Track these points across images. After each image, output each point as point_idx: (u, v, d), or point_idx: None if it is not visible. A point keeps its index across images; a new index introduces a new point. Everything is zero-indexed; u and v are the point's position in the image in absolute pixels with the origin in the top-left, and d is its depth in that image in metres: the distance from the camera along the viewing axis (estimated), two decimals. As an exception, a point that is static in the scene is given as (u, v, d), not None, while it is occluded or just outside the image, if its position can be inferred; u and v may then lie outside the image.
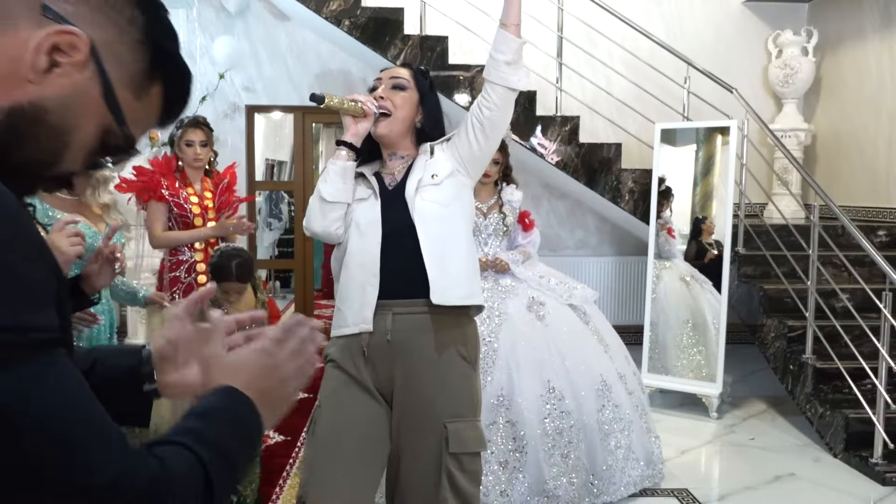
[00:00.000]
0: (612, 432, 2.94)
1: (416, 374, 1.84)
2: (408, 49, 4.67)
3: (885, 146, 5.02)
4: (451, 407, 1.83)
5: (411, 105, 1.99)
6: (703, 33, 5.61)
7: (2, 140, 0.63)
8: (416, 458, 1.83)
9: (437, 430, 1.80)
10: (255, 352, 0.78)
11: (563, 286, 3.23)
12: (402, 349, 1.85)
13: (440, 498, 1.77)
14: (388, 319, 1.85)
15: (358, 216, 1.94)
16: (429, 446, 1.81)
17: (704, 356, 4.28)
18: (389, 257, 1.86)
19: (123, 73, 0.69)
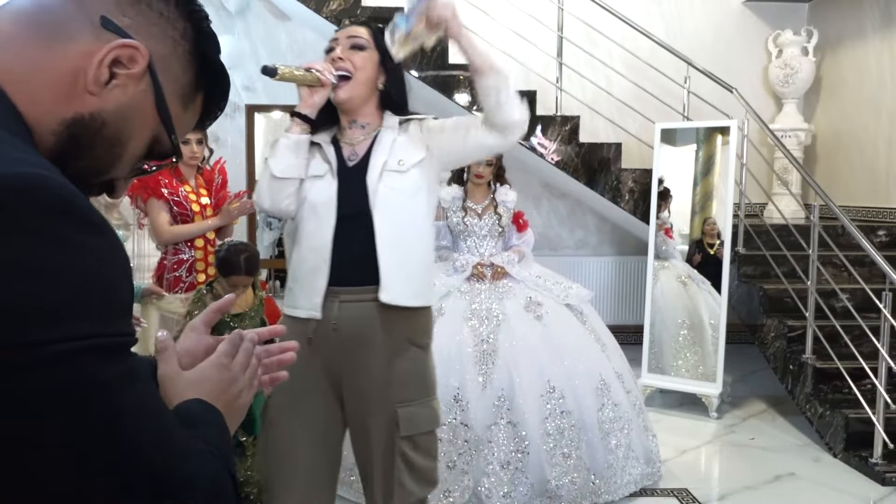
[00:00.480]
0: (612, 431, 2.94)
1: (364, 362, 1.80)
2: (408, 49, 4.66)
3: (885, 146, 5.02)
4: (401, 392, 1.81)
5: (372, 65, 1.85)
6: (703, 33, 5.61)
7: (64, 150, 0.64)
8: (369, 443, 1.82)
9: (388, 415, 1.79)
10: (213, 366, 0.81)
11: (560, 286, 3.23)
12: (348, 338, 1.80)
13: (395, 479, 1.78)
14: (335, 307, 1.79)
15: (312, 195, 1.83)
16: (381, 431, 1.79)
17: (700, 357, 4.28)
18: (342, 242, 1.79)
19: (176, 85, 0.71)
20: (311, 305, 1.80)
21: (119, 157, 0.68)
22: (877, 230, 4.62)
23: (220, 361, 0.81)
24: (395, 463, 1.78)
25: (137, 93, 0.67)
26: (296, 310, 1.84)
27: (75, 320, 0.53)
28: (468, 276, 3.21)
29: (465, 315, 3.05)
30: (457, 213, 3.36)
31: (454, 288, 3.18)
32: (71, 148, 0.64)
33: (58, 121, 0.63)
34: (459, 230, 3.36)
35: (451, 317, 3.06)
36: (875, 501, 3.14)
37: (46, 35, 0.63)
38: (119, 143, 0.67)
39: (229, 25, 5.36)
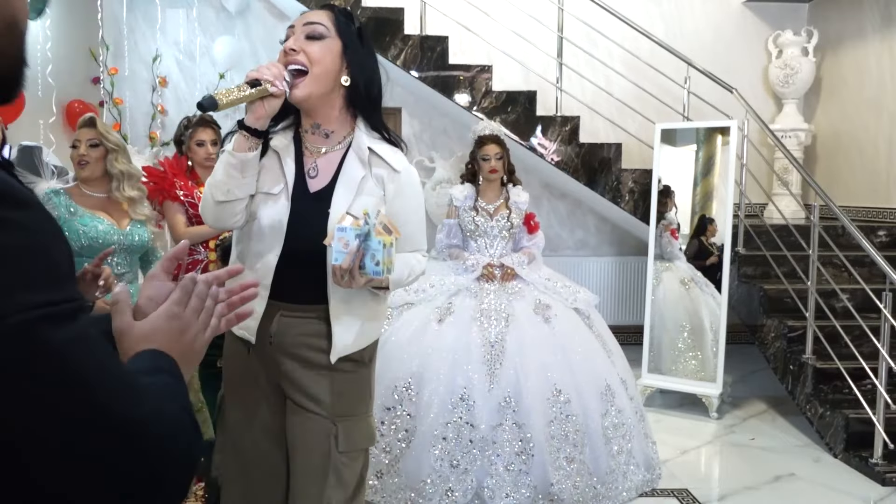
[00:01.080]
0: (614, 437, 2.94)
1: (302, 376, 1.69)
2: (408, 49, 4.67)
3: (885, 146, 5.01)
4: (340, 407, 1.69)
5: (332, 56, 1.59)
6: (703, 33, 5.61)
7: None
8: (305, 453, 1.70)
9: (325, 429, 1.68)
10: (164, 316, 0.85)
11: (568, 290, 3.23)
12: (286, 352, 1.68)
13: (325, 497, 1.67)
14: (274, 321, 1.67)
15: (261, 213, 1.64)
16: (318, 444, 1.68)
17: (700, 361, 4.28)
18: (287, 267, 1.63)
19: None
20: (245, 327, 1.67)
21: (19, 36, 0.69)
22: (877, 230, 4.62)
23: (171, 311, 0.85)
24: (327, 478, 1.67)
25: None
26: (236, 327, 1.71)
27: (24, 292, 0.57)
28: (478, 276, 3.21)
29: (473, 315, 3.06)
30: (468, 213, 3.36)
31: (463, 287, 3.18)
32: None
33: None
34: (470, 229, 3.36)
35: (460, 316, 3.06)
36: (875, 502, 3.14)
37: None
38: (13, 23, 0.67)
39: (229, 26, 5.36)
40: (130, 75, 5.21)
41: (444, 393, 2.86)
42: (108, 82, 5.09)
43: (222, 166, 1.59)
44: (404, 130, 5.46)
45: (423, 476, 2.78)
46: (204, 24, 5.32)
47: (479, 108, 4.70)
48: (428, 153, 5.44)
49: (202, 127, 3.25)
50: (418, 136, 5.47)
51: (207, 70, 5.28)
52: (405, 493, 2.80)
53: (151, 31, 5.24)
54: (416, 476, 2.79)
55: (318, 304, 1.67)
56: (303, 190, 1.65)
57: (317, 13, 1.63)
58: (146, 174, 3.24)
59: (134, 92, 5.23)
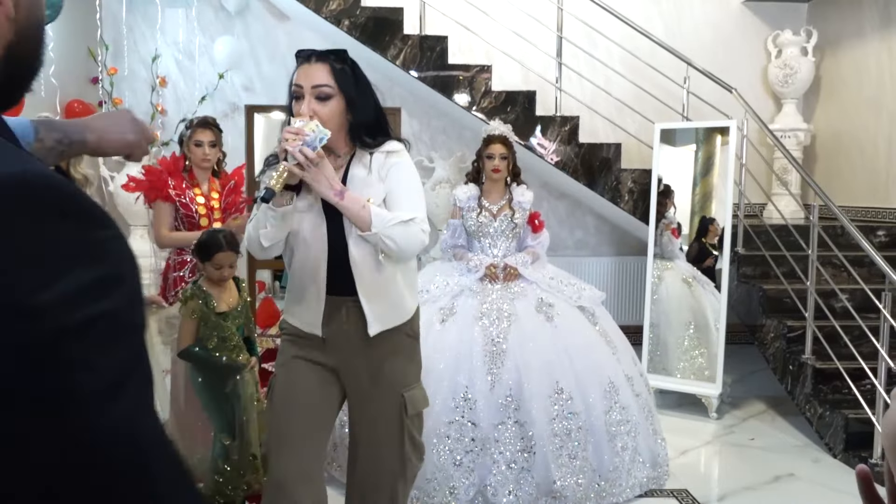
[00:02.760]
0: (619, 434, 2.94)
1: (370, 354, 1.98)
2: (407, 49, 4.66)
3: (884, 146, 5.02)
4: (403, 378, 2.03)
5: (340, 113, 1.90)
6: (702, 33, 5.61)
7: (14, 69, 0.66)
8: (374, 425, 2.01)
9: (394, 399, 2.00)
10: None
11: (573, 287, 3.23)
12: (355, 334, 1.96)
13: (404, 454, 2.02)
14: (344, 310, 1.96)
15: (303, 228, 1.95)
16: (387, 413, 2.00)
17: (706, 358, 4.27)
18: (336, 265, 1.92)
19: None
20: (312, 326, 1.97)
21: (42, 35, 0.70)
22: (876, 230, 4.63)
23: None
24: (403, 441, 2.01)
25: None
26: (298, 324, 2.01)
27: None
28: (481, 276, 3.22)
29: (475, 315, 3.06)
30: (472, 212, 3.36)
31: (466, 287, 3.18)
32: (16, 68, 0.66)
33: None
34: (474, 229, 3.36)
35: (463, 316, 3.07)
36: (875, 502, 3.14)
37: None
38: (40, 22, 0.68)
39: (229, 26, 5.35)
40: (130, 75, 5.21)
41: (446, 392, 2.87)
42: (108, 82, 5.08)
43: (265, 219, 1.87)
44: (403, 130, 5.46)
45: (427, 474, 2.78)
46: (203, 24, 5.31)
47: (479, 107, 4.70)
48: (427, 153, 5.44)
49: (202, 128, 3.27)
50: (417, 135, 5.47)
51: (207, 70, 5.28)
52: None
53: (151, 31, 5.24)
54: (420, 474, 2.78)
55: (350, 294, 1.94)
56: (326, 203, 1.92)
57: (319, 73, 1.87)
58: (144, 171, 3.26)
59: (133, 92, 5.22)
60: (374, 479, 2.05)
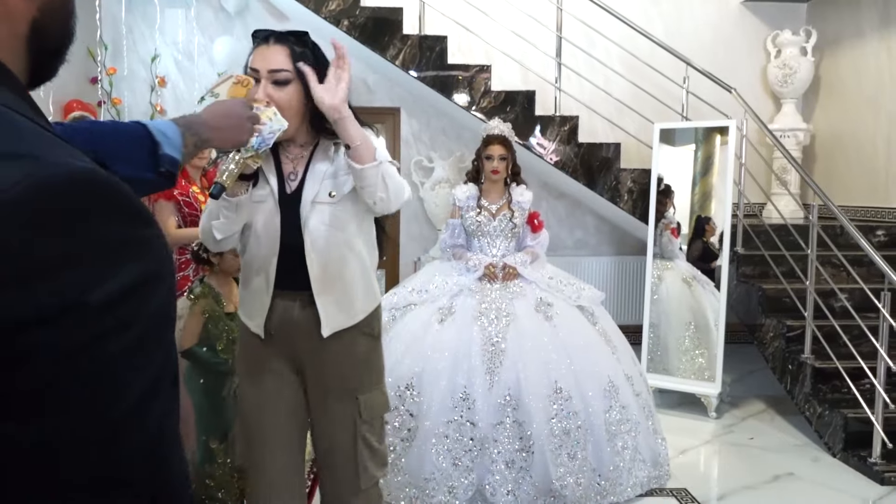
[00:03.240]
0: (618, 433, 2.94)
1: (322, 354, 1.86)
2: (406, 49, 4.67)
3: (883, 146, 5.02)
4: (359, 381, 1.89)
5: (298, 98, 1.75)
6: (701, 33, 5.61)
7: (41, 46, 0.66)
8: (330, 428, 1.89)
9: (349, 403, 1.87)
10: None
11: (572, 287, 3.23)
12: (304, 332, 1.85)
13: (359, 463, 1.88)
14: (296, 306, 1.84)
15: (257, 220, 1.83)
16: (341, 418, 1.88)
17: (706, 358, 4.27)
18: (287, 260, 1.81)
19: None
20: (257, 325, 1.87)
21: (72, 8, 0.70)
22: (875, 230, 4.63)
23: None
24: (356, 448, 1.87)
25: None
26: (247, 320, 1.91)
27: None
28: (480, 275, 3.22)
29: (474, 314, 3.06)
30: (471, 212, 3.36)
31: (465, 287, 3.18)
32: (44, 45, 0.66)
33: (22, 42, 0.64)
34: (473, 229, 3.36)
35: (461, 316, 3.06)
36: (874, 501, 3.14)
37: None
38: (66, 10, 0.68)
39: (228, 26, 5.36)
40: (129, 75, 5.21)
41: (445, 392, 2.86)
42: (107, 82, 5.08)
43: (218, 210, 1.76)
44: (403, 130, 5.46)
45: (426, 474, 2.79)
46: (202, 24, 5.31)
47: (478, 107, 4.70)
48: (426, 153, 5.44)
49: None
50: (417, 135, 5.47)
51: (206, 70, 5.28)
52: (408, 491, 2.82)
53: (150, 31, 5.24)
54: (419, 474, 2.80)
55: (305, 289, 1.83)
56: (284, 194, 1.83)
57: (276, 54, 1.73)
58: None
59: (132, 92, 5.23)
60: (334, 490, 1.92)
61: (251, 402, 1.92)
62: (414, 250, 5.49)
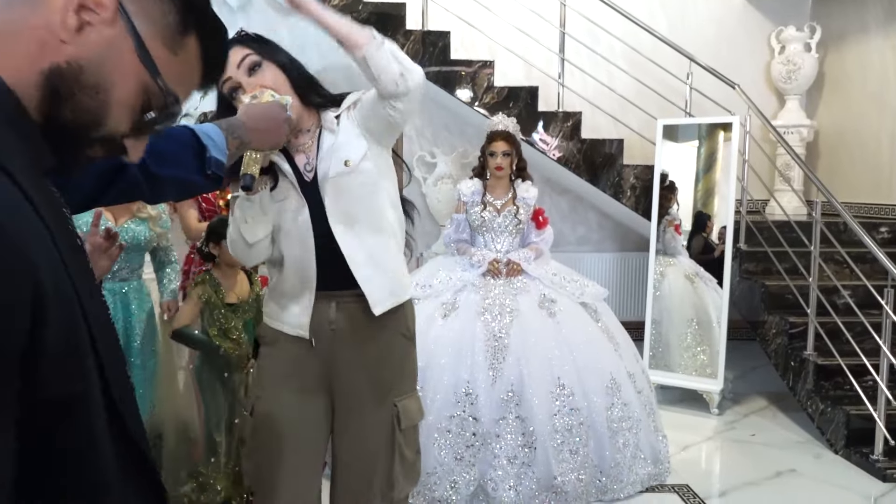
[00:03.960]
0: (620, 430, 2.94)
1: (361, 358, 1.78)
2: (409, 44, 4.66)
3: (888, 142, 5.01)
4: (398, 385, 1.81)
5: (278, 75, 1.68)
6: (705, 29, 5.60)
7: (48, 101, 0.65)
8: (361, 438, 1.78)
9: (386, 409, 1.77)
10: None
11: (575, 284, 3.23)
12: (345, 336, 1.77)
13: (393, 474, 1.77)
14: (332, 308, 1.76)
15: (285, 220, 1.74)
16: (378, 425, 1.77)
17: (708, 355, 4.27)
18: (326, 258, 1.72)
19: (155, 28, 0.71)
20: (299, 325, 1.77)
21: (106, 105, 0.68)
22: (879, 227, 4.62)
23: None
24: (393, 459, 1.77)
25: (113, 37, 0.67)
26: (281, 325, 1.81)
27: None
28: (483, 271, 3.22)
29: (478, 310, 3.06)
30: (475, 207, 3.36)
31: (469, 282, 3.19)
32: (54, 98, 0.65)
33: (37, 73, 0.64)
34: (477, 224, 3.36)
35: (465, 311, 3.07)
36: (876, 498, 3.14)
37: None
38: (101, 88, 0.67)
39: (231, 21, 5.34)
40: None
41: (448, 387, 2.87)
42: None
43: (241, 212, 1.70)
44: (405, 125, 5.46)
45: (428, 468, 2.79)
46: (205, 19, 5.30)
47: (481, 103, 4.69)
48: (429, 149, 5.43)
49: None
50: (420, 131, 5.47)
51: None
52: (410, 486, 2.82)
53: (153, 26, 5.23)
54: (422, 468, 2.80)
55: (343, 288, 1.74)
56: (305, 185, 1.74)
57: (234, 53, 1.66)
58: None
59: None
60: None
61: (268, 420, 1.80)
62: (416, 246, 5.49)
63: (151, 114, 0.72)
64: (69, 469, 0.62)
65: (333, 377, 1.79)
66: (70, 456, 0.62)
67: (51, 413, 0.59)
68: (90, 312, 0.65)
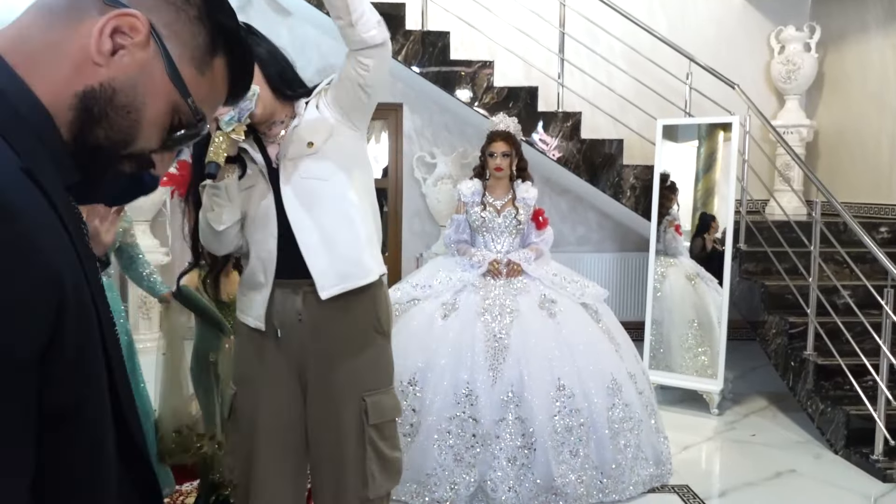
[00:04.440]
0: (621, 431, 2.94)
1: (331, 351, 1.77)
2: (409, 44, 4.66)
3: (887, 142, 5.01)
4: (369, 381, 1.79)
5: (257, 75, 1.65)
6: (705, 29, 5.60)
7: (81, 121, 0.67)
8: (336, 433, 1.77)
9: (355, 403, 1.76)
10: None
11: (576, 284, 3.23)
12: (314, 328, 1.76)
13: (367, 470, 1.76)
14: (299, 299, 1.75)
15: (252, 209, 1.75)
16: (348, 420, 1.76)
17: (709, 355, 4.27)
18: (288, 245, 1.72)
19: (185, 49, 0.73)
20: (258, 316, 1.77)
21: (137, 125, 0.70)
22: (879, 227, 4.62)
23: None
24: (365, 453, 1.76)
25: (146, 60, 0.69)
26: (247, 318, 1.81)
27: None
28: (484, 272, 3.22)
29: (478, 310, 3.06)
30: (475, 208, 3.36)
31: (469, 283, 3.19)
32: (87, 119, 0.67)
33: (71, 94, 0.66)
34: (477, 225, 3.36)
35: (465, 311, 3.07)
36: (876, 498, 3.14)
37: (61, 18, 0.68)
38: (133, 108, 0.69)
39: (230, 21, 5.35)
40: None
41: (448, 388, 2.87)
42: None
43: (208, 200, 1.71)
44: (405, 126, 5.46)
45: (428, 469, 2.80)
46: (205, 20, 5.30)
47: (481, 103, 4.69)
48: (429, 149, 5.43)
49: None
50: (419, 131, 5.47)
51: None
52: (410, 486, 2.83)
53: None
54: (421, 469, 2.81)
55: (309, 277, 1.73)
56: (274, 173, 1.75)
57: None
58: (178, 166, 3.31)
59: (135, 87, 5.22)
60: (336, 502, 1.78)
61: (247, 416, 1.81)
62: (416, 246, 5.49)
63: (181, 132, 0.75)
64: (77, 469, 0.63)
65: (304, 369, 1.79)
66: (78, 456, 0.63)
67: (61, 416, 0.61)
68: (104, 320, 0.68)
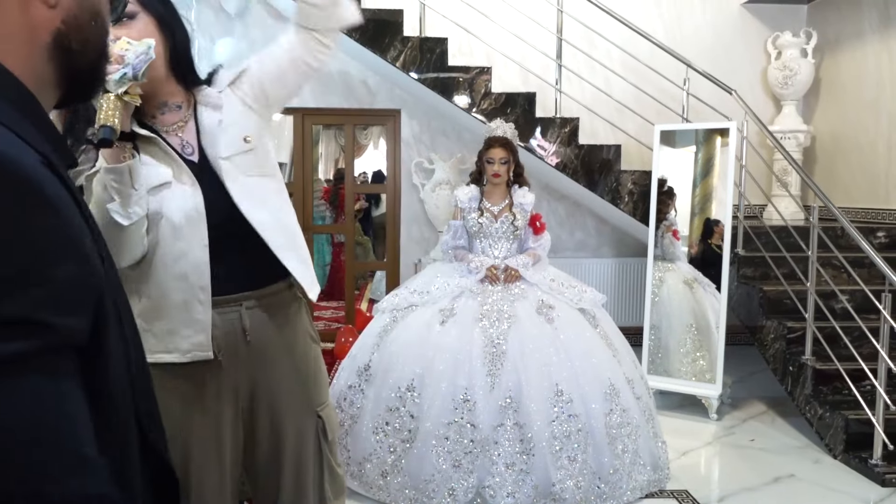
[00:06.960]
0: (619, 437, 2.93)
1: (279, 369, 1.58)
2: (407, 51, 4.67)
3: (884, 147, 5.02)
4: (321, 394, 1.65)
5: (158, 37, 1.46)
6: (702, 35, 5.62)
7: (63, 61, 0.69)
8: (295, 457, 1.60)
9: (310, 420, 1.61)
10: None
11: (573, 290, 3.23)
12: (262, 346, 1.56)
13: (324, 492, 1.62)
14: (243, 315, 1.53)
15: (169, 211, 1.45)
16: (308, 441, 1.61)
17: (707, 361, 4.27)
18: (221, 254, 1.47)
19: None
20: (196, 346, 1.46)
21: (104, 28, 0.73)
22: (876, 231, 4.63)
23: None
24: (323, 476, 1.62)
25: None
26: (171, 354, 1.47)
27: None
28: (481, 277, 3.22)
29: (476, 316, 3.06)
30: (473, 214, 3.36)
31: (466, 289, 3.19)
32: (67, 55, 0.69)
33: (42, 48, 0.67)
34: (475, 230, 3.37)
35: (462, 317, 3.07)
36: (875, 502, 3.14)
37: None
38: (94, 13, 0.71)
39: (229, 28, 5.36)
40: (130, 77, 5.20)
41: (445, 394, 2.86)
42: (108, 84, 5.09)
43: (103, 190, 1.40)
44: (403, 132, 5.47)
45: (426, 475, 2.79)
46: (203, 26, 5.32)
47: (479, 109, 4.70)
48: (427, 154, 5.44)
49: None
50: (417, 137, 5.48)
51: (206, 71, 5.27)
52: (408, 493, 2.82)
53: (151, 33, 5.24)
54: (419, 475, 2.80)
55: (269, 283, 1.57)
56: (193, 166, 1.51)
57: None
58: None
59: (133, 93, 5.22)
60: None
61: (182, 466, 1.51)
62: (414, 252, 5.49)
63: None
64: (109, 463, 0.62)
65: (246, 397, 1.57)
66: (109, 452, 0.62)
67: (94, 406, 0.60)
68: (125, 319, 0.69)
